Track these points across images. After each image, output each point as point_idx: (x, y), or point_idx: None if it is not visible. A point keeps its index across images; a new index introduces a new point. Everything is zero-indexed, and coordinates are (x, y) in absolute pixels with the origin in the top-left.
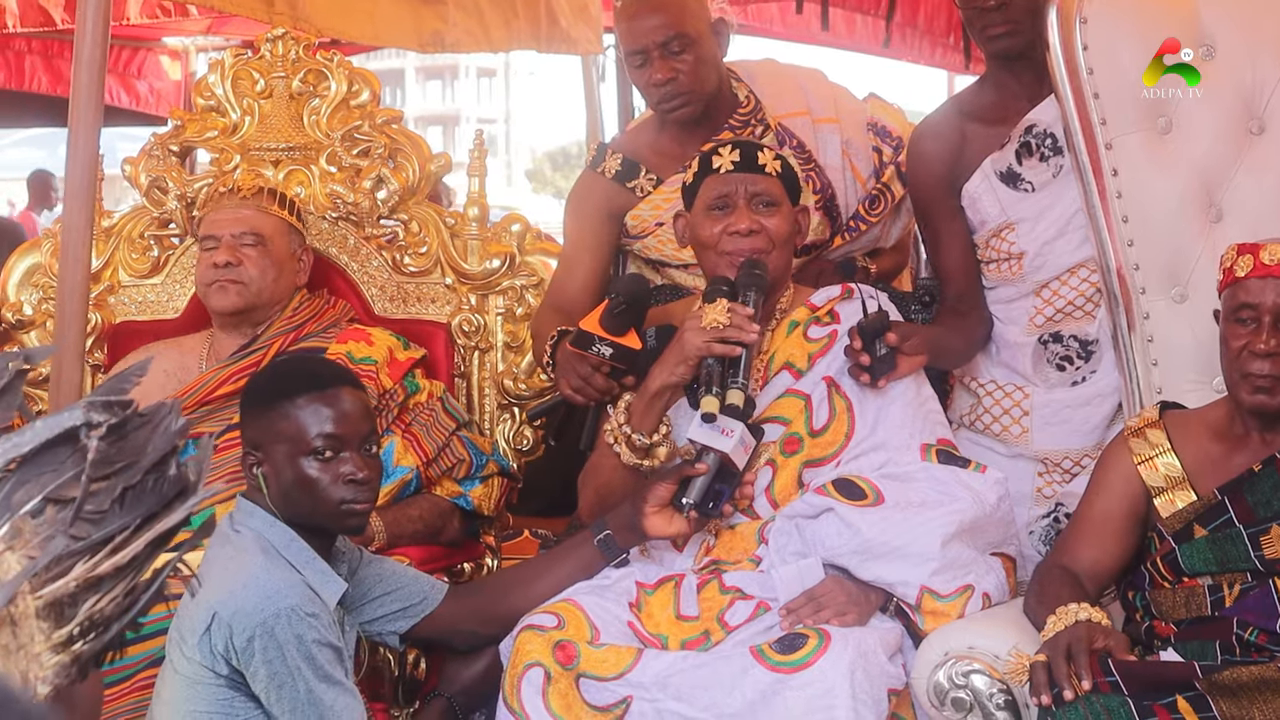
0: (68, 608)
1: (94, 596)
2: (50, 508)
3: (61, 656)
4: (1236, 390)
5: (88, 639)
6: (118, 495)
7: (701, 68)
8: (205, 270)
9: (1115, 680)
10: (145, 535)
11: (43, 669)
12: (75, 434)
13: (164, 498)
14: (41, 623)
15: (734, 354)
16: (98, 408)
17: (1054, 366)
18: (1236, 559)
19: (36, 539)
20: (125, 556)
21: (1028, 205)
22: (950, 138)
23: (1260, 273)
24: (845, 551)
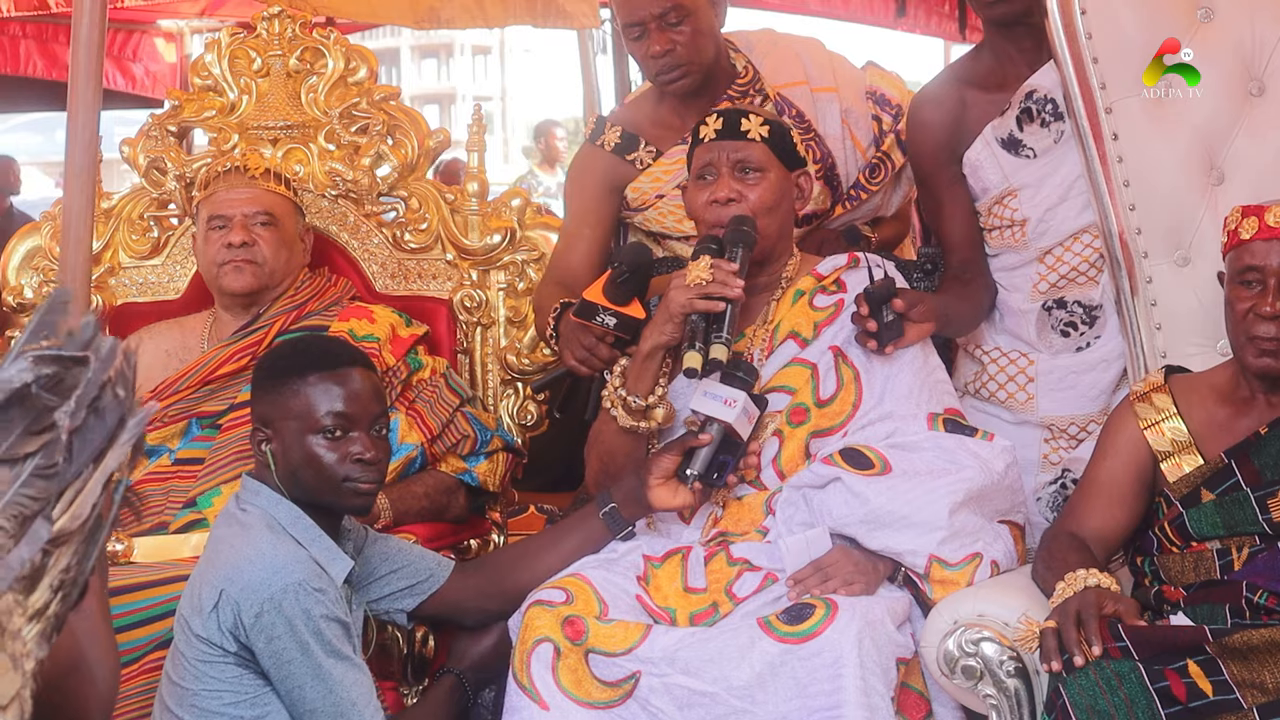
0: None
1: (59, 552)
2: (2, 469)
3: (40, 625)
4: (1242, 353)
5: (59, 599)
6: (65, 443)
7: (699, 39)
8: (217, 250)
9: (1125, 645)
10: (96, 477)
11: (25, 645)
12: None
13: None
14: (16, 595)
15: (717, 309)
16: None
17: (1058, 333)
18: (1244, 522)
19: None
20: (84, 505)
21: (1029, 171)
22: (950, 105)
23: (1265, 235)
24: (852, 521)
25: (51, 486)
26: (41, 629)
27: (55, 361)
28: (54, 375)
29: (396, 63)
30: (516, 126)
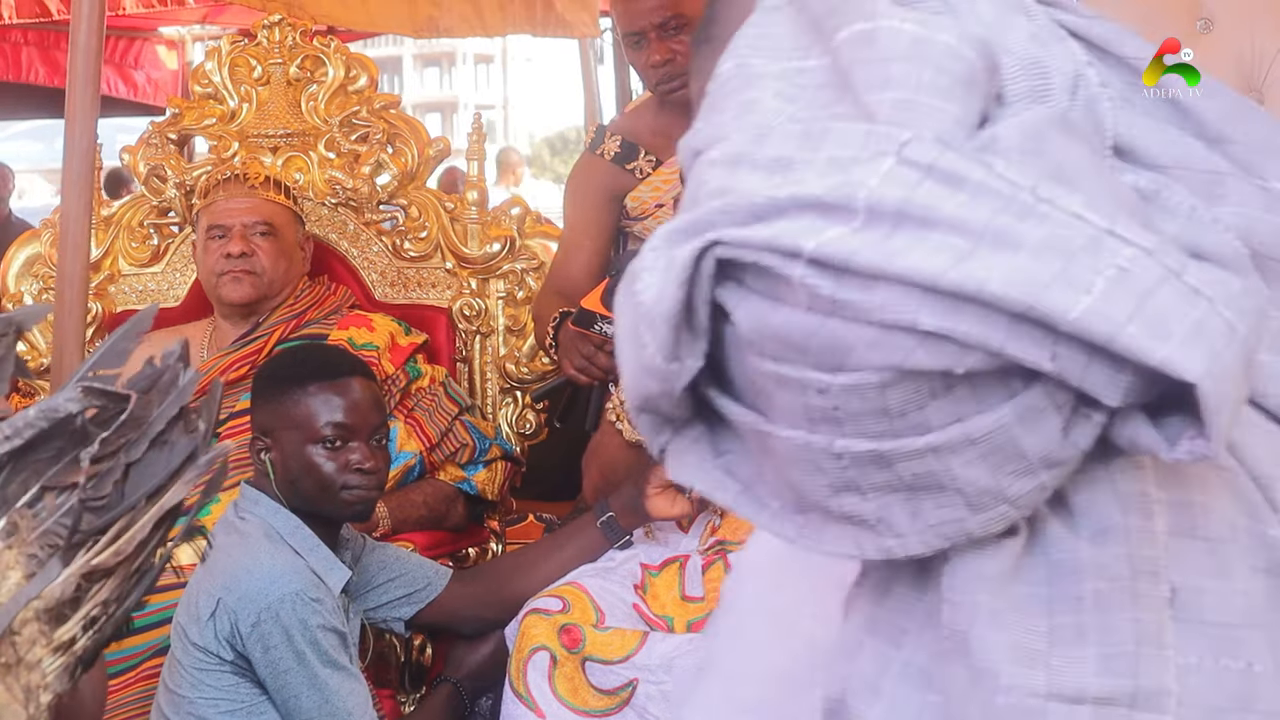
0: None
1: (95, 588)
2: (48, 495)
3: (63, 659)
4: None
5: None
6: (120, 475)
7: None
8: (216, 260)
9: None
10: (150, 514)
11: (44, 677)
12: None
13: (171, 468)
14: (42, 626)
15: None
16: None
17: None
18: None
19: (35, 533)
20: (129, 543)
21: None
22: None
23: None
24: None
25: (95, 519)
26: (65, 663)
27: (104, 395)
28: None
29: (399, 71)
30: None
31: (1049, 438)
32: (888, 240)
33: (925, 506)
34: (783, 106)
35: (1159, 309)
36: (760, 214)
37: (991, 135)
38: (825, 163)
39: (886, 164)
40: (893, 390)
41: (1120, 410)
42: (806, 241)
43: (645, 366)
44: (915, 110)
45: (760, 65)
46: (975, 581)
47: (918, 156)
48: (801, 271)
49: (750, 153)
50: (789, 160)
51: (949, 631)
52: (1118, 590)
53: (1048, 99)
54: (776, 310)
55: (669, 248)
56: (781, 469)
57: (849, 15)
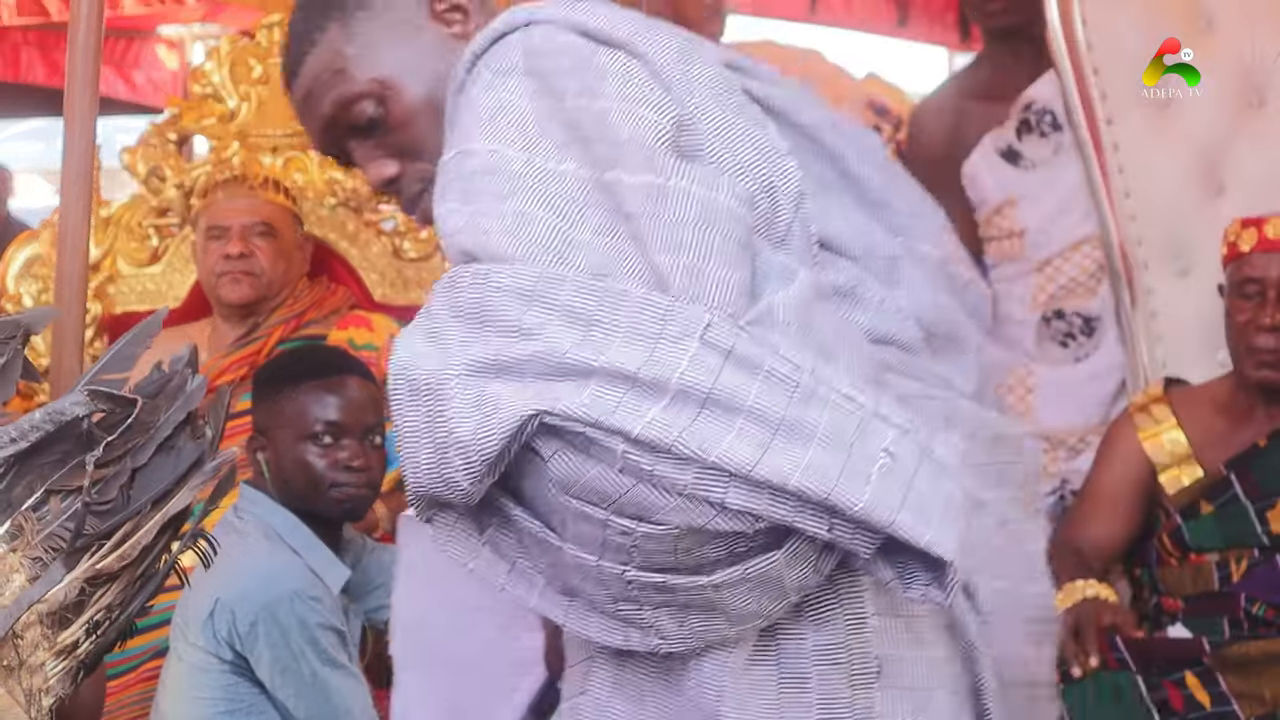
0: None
1: (99, 593)
2: (53, 499)
3: (66, 663)
4: (1242, 365)
5: (93, 639)
6: (126, 480)
7: None
8: (216, 261)
9: (1123, 656)
10: (155, 519)
11: (46, 680)
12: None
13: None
14: (45, 629)
15: None
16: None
17: (1057, 343)
18: (1244, 534)
19: (39, 536)
20: (134, 548)
21: (1028, 182)
22: (949, 116)
23: (1265, 247)
24: None
25: (100, 523)
26: (68, 666)
27: (110, 399)
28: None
29: None
30: None
31: (805, 572)
32: (695, 421)
33: (693, 619)
34: (553, 221)
35: (920, 495)
36: (570, 373)
37: (769, 307)
38: (628, 332)
39: (692, 347)
40: (685, 539)
41: None
42: (632, 425)
43: (444, 479)
44: (705, 280)
45: (515, 158)
46: (721, 669)
47: (718, 340)
48: (624, 447)
49: (542, 292)
50: (590, 317)
51: (697, 705)
52: (837, 670)
53: (776, 224)
54: (590, 466)
55: (479, 381)
56: (560, 571)
57: (633, 161)
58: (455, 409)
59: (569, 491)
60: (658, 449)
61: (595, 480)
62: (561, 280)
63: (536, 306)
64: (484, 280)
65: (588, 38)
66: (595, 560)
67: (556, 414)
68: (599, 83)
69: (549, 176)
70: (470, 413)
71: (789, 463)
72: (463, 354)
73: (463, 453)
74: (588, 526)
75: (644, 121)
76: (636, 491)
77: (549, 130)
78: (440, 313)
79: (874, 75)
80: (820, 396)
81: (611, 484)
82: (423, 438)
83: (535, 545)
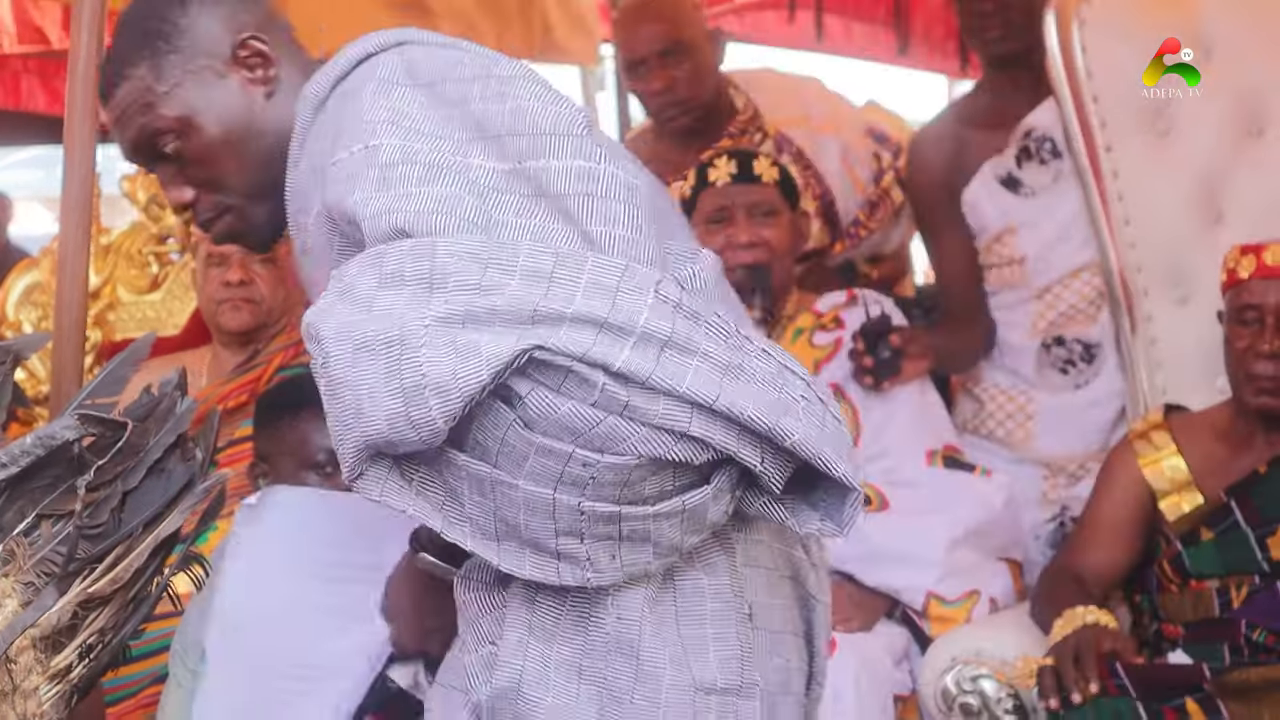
0: (65, 634)
1: (91, 617)
2: (45, 523)
3: (59, 687)
4: (1241, 391)
5: (86, 663)
6: (117, 503)
7: (698, 77)
8: (216, 288)
9: (1123, 683)
10: (147, 542)
11: (40, 705)
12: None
13: (168, 496)
14: (39, 654)
15: None
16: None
17: (1057, 370)
18: (1244, 561)
19: (31, 560)
20: (126, 571)
21: (1028, 210)
22: (949, 144)
23: (1263, 274)
24: (850, 557)
25: (91, 547)
26: (61, 691)
27: (100, 423)
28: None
29: None
30: None
31: (721, 509)
32: (660, 360)
33: (624, 551)
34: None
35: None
36: (543, 320)
37: (692, 274)
38: (589, 286)
39: (649, 298)
40: (639, 470)
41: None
42: (613, 360)
43: (414, 422)
44: (638, 249)
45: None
46: (639, 603)
47: (668, 294)
48: (605, 380)
49: (496, 256)
50: (549, 275)
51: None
52: (724, 611)
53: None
54: (562, 402)
55: (449, 330)
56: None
57: (560, 149)
58: (426, 355)
59: (537, 428)
60: (633, 382)
61: (566, 416)
62: (515, 245)
63: (493, 269)
64: (430, 249)
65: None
66: (551, 493)
67: (548, 348)
68: (506, 87)
69: (462, 168)
70: (445, 357)
71: (741, 397)
72: (421, 310)
73: (440, 393)
74: (549, 461)
75: (564, 116)
76: (607, 424)
77: (449, 131)
78: (364, 284)
79: (874, 103)
80: (746, 348)
81: (582, 418)
82: (382, 387)
83: (474, 489)
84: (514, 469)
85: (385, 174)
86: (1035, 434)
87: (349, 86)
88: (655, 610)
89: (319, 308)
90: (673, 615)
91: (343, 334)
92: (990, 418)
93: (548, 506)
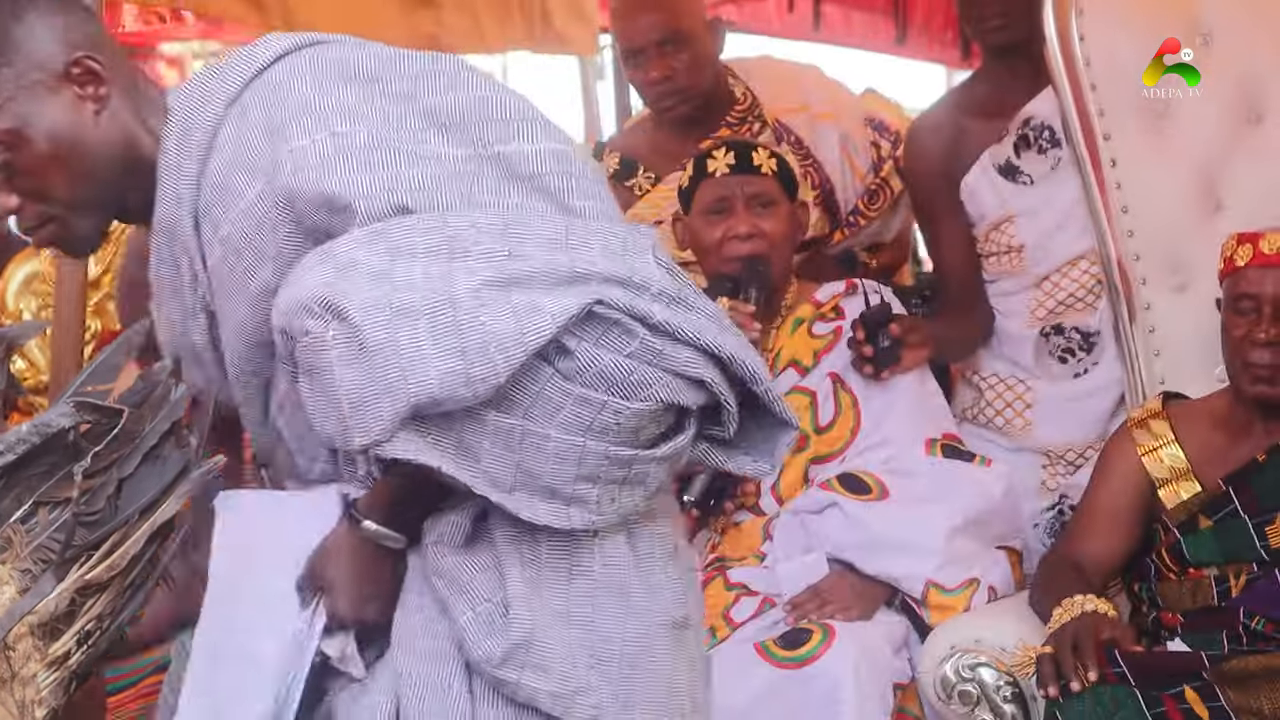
0: (62, 621)
1: (89, 603)
2: (42, 510)
3: (58, 674)
4: (1238, 380)
5: (84, 649)
6: (114, 490)
7: (697, 66)
8: None
9: (1122, 671)
10: (143, 529)
11: (39, 692)
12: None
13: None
14: (37, 641)
15: None
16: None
17: (1056, 359)
18: (1242, 549)
19: (28, 548)
20: (123, 558)
21: (1027, 198)
22: (947, 132)
23: (1260, 262)
24: (850, 546)
25: (88, 534)
26: (60, 678)
27: (95, 410)
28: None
29: None
30: None
31: (685, 452)
32: (675, 314)
33: (623, 494)
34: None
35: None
36: (578, 280)
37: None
38: (602, 249)
39: (650, 260)
40: (652, 416)
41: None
42: (651, 313)
43: (473, 379)
44: (614, 220)
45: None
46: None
47: (661, 257)
48: (644, 332)
49: (514, 227)
50: (564, 241)
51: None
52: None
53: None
54: (603, 354)
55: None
56: (527, 460)
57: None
58: (489, 315)
59: (576, 380)
60: (665, 333)
61: (607, 365)
62: (524, 216)
63: (511, 238)
64: (440, 222)
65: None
66: (582, 440)
67: (606, 302)
68: (455, 79)
69: (433, 155)
70: (506, 316)
71: (732, 344)
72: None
73: (504, 350)
74: (583, 411)
75: (523, 103)
76: (639, 372)
77: (407, 122)
78: (371, 258)
79: (872, 90)
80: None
81: (620, 368)
82: (432, 348)
83: (497, 443)
84: (546, 420)
85: (367, 158)
86: (1034, 423)
87: (274, 79)
88: (631, 553)
89: (314, 283)
90: (639, 558)
91: (374, 304)
92: (989, 406)
93: (577, 453)
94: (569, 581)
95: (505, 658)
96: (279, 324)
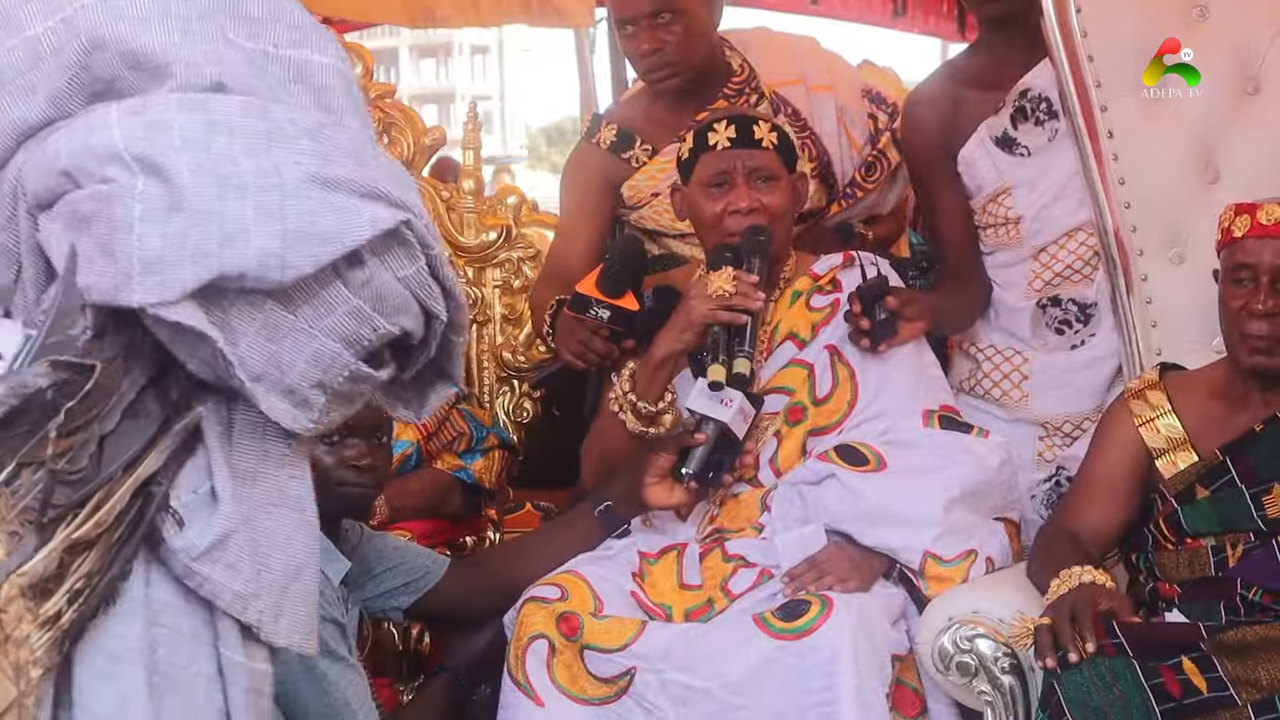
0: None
1: (78, 562)
2: (25, 471)
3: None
4: (1235, 350)
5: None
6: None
7: (690, 38)
8: None
9: (1120, 642)
10: (127, 485)
11: (33, 653)
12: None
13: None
14: (28, 602)
15: (739, 321)
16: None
17: (1053, 330)
18: (1239, 519)
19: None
20: (109, 515)
21: (1024, 170)
22: (945, 104)
23: (1257, 233)
24: (848, 517)
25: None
26: (53, 637)
27: (69, 367)
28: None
29: (395, 62)
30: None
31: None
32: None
33: (335, 407)
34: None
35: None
36: (379, 197)
37: None
38: (388, 174)
39: (418, 196)
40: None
41: None
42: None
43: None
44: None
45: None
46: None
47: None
48: (423, 261)
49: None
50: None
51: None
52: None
53: None
54: (384, 273)
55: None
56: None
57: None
58: (312, 207)
59: (357, 291)
60: (431, 269)
61: (385, 284)
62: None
63: (324, 142)
64: (262, 110)
65: None
66: (340, 349)
67: (410, 224)
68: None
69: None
70: (330, 212)
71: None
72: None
73: (324, 244)
74: (350, 323)
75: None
76: (402, 297)
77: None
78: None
79: (869, 62)
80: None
81: (392, 290)
82: (255, 227)
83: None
84: (315, 322)
85: (189, 26)
86: (1031, 394)
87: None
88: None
89: (124, 135)
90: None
91: (205, 170)
92: (986, 378)
93: (328, 360)
94: (254, 485)
95: (206, 551)
96: (63, 165)
